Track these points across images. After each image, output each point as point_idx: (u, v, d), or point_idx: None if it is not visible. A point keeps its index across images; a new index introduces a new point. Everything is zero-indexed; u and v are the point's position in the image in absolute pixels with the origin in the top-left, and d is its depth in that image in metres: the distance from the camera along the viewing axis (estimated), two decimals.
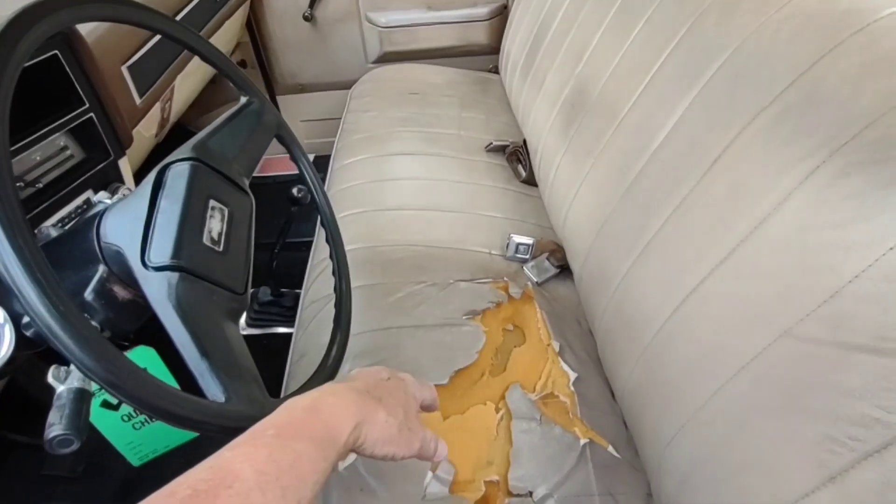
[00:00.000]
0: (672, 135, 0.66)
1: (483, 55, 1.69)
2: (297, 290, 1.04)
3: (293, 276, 1.15)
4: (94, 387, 0.41)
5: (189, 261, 0.44)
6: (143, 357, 0.60)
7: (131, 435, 0.67)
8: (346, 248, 0.69)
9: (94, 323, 0.45)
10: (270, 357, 0.45)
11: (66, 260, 0.47)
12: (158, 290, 0.42)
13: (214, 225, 0.49)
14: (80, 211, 0.74)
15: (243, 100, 0.62)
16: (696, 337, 0.54)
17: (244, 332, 0.97)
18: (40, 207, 0.70)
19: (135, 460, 0.71)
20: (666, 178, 0.64)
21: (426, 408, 0.48)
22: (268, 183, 1.68)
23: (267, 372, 0.48)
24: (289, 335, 0.91)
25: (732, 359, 0.49)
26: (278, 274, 1.21)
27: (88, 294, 0.45)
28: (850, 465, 0.40)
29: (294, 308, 1.09)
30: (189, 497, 0.26)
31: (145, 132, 1.00)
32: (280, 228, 1.03)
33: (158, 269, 0.43)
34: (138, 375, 0.33)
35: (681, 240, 0.59)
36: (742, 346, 0.48)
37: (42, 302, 0.31)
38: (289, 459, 0.30)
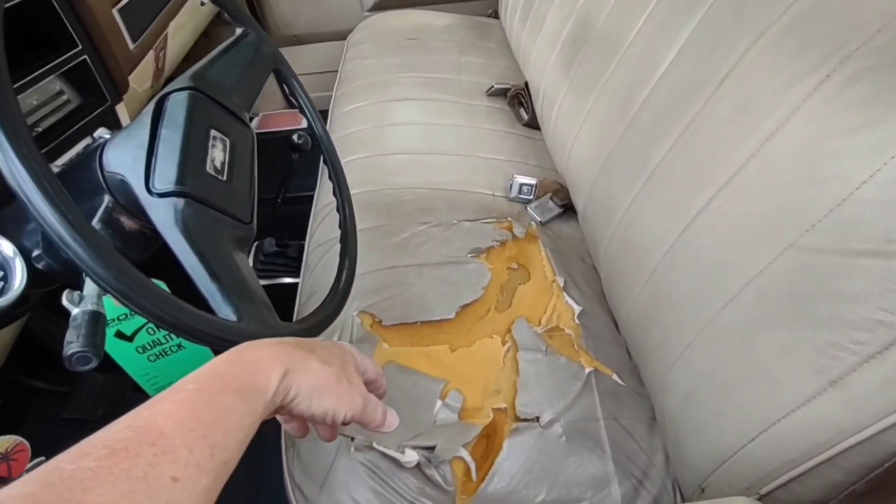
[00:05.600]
0: (676, 61, 0.64)
1: None
2: (302, 242, 1.04)
3: (296, 228, 1.15)
4: (107, 311, 0.42)
5: (193, 187, 0.44)
6: None
7: (147, 366, 0.69)
8: (350, 192, 0.69)
9: None
10: (277, 305, 0.46)
11: (71, 192, 0.46)
12: (165, 216, 0.42)
13: (217, 154, 0.48)
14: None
15: (239, 31, 0.61)
16: (702, 257, 0.54)
17: None
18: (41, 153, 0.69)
19: (152, 391, 0.73)
20: (670, 104, 0.63)
21: (369, 382, 0.44)
22: (268, 139, 1.66)
23: None
24: (295, 284, 0.92)
25: (738, 276, 0.49)
26: (282, 227, 1.21)
27: (96, 223, 0.46)
28: (851, 368, 0.40)
29: (299, 258, 1.09)
30: (105, 456, 0.22)
31: (139, 87, 0.99)
32: (282, 179, 1.03)
33: (163, 195, 0.43)
34: (152, 288, 0.34)
35: (686, 164, 0.59)
36: (748, 263, 0.48)
37: (55, 214, 0.31)
38: (215, 414, 0.28)
